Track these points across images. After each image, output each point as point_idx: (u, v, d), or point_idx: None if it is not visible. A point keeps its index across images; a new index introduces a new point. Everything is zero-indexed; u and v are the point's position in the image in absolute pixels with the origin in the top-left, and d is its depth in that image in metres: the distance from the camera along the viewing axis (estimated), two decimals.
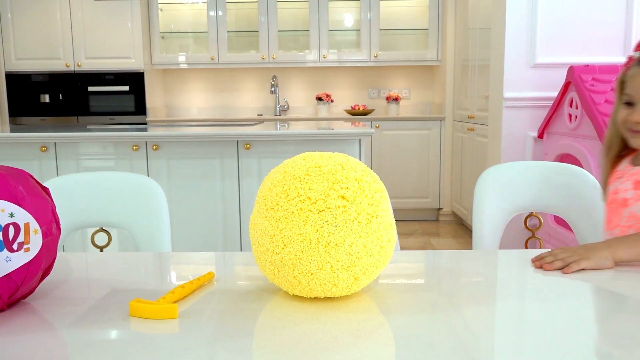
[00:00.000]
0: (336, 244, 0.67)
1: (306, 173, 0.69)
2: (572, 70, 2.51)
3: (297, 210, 0.67)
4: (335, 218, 0.67)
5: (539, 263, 0.85)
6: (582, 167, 2.32)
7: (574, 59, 2.79)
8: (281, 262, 0.69)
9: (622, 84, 1.12)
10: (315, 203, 0.67)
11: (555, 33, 2.83)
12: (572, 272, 0.83)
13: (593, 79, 2.45)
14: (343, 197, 0.68)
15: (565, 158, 2.57)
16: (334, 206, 0.67)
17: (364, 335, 0.63)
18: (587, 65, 2.52)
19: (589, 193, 1.26)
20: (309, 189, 0.68)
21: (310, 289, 0.69)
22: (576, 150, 2.47)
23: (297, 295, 0.72)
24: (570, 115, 2.55)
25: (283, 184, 0.69)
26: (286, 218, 0.68)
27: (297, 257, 0.68)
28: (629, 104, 1.08)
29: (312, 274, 0.68)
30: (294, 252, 0.68)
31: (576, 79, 2.46)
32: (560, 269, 0.84)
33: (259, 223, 0.71)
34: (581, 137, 2.46)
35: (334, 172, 0.69)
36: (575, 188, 1.28)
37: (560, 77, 2.69)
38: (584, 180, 1.27)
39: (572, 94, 2.53)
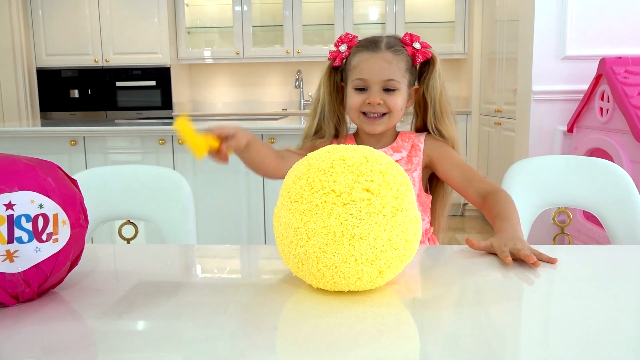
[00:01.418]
0: (360, 237, 0.66)
1: (330, 165, 0.69)
2: (603, 62, 2.45)
3: (321, 203, 0.67)
4: (360, 211, 0.66)
5: (509, 259, 0.82)
6: (614, 162, 2.26)
7: (605, 51, 2.71)
8: (305, 255, 0.68)
9: (342, 72, 1.20)
10: (340, 196, 0.66)
11: (586, 24, 2.75)
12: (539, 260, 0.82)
13: (626, 71, 2.39)
14: (368, 190, 0.67)
15: (596, 152, 2.51)
16: (358, 199, 0.66)
17: (388, 329, 0.62)
18: (620, 57, 2.45)
19: (620, 188, 1.22)
20: (334, 181, 0.67)
21: (334, 282, 0.69)
22: (607, 145, 2.41)
23: (321, 289, 0.72)
24: (601, 109, 2.49)
25: (307, 177, 0.69)
26: (310, 211, 0.67)
27: (321, 250, 0.67)
28: (361, 89, 1.15)
29: (336, 267, 0.67)
30: (317, 245, 0.67)
31: (608, 72, 2.40)
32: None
33: (283, 216, 0.71)
34: (613, 131, 2.39)
35: (359, 164, 0.68)
36: (606, 183, 1.24)
37: (591, 69, 2.63)
38: (616, 174, 1.24)
39: (603, 87, 2.47)
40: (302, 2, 4.45)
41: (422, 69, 1.21)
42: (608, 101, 2.42)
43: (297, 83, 4.64)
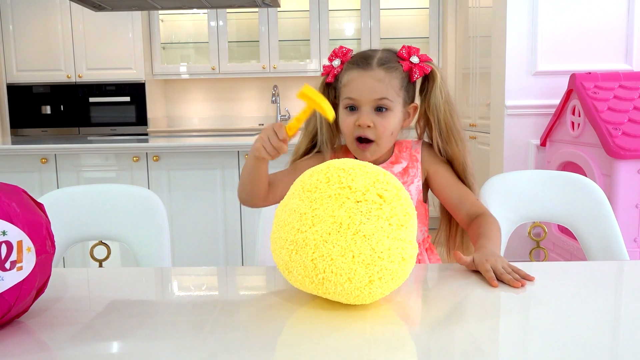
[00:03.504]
0: (364, 235, 0.67)
1: (351, 167, 0.72)
2: (574, 77, 2.50)
3: (335, 194, 0.69)
4: (370, 212, 0.68)
5: (495, 283, 0.81)
6: (585, 175, 2.30)
7: (575, 67, 2.78)
8: (303, 241, 0.69)
9: (333, 90, 1.13)
10: (355, 193, 0.69)
11: (556, 40, 2.82)
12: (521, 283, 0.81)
13: (595, 86, 2.44)
14: (381, 196, 0.69)
15: (568, 166, 2.55)
16: (371, 200, 0.68)
17: (386, 349, 0.61)
18: (589, 73, 2.50)
19: (593, 202, 1.24)
20: (352, 179, 0.70)
21: (323, 277, 0.68)
22: (579, 158, 2.45)
23: (303, 309, 0.70)
24: (572, 123, 2.54)
25: (326, 172, 0.72)
26: (322, 200, 0.69)
27: (322, 238, 0.68)
28: (352, 109, 1.08)
29: (332, 260, 0.67)
30: (320, 233, 0.68)
31: (578, 87, 2.45)
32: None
33: (291, 204, 0.72)
34: (584, 145, 2.44)
35: (377, 174, 0.72)
36: (579, 197, 1.26)
37: (562, 84, 2.68)
38: (589, 189, 1.25)
39: (574, 102, 2.52)
40: (278, 17, 4.46)
41: (423, 84, 1.12)
42: (579, 116, 2.47)
43: (273, 98, 4.63)
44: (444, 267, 0.96)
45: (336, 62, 1.11)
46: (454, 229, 1.23)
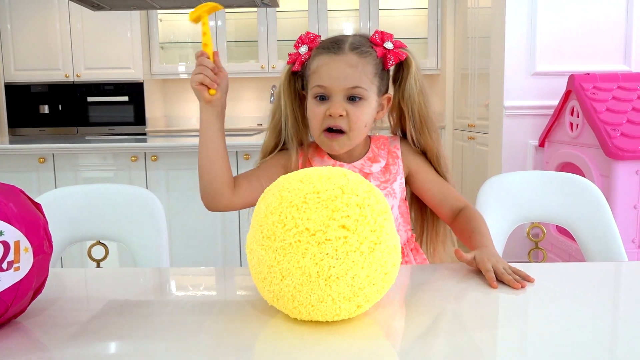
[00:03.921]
0: (337, 277, 0.62)
1: (304, 200, 0.64)
2: (572, 78, 2.50)
3: (295, 242, 0.62)
4: (336, 250, 0.62)
5: (495, 284, 0.81)
6: (584, 176, 2.31)
7: (574, 67, 2.78)
8: (280, 292, 0.65)
9: (303, 78, 1.06)
10: (314, 235, 0.62)
11: (555, 41, 2.82)
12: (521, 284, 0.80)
13: (594, 87, 2.44)
14: (344, 227, 0.63)
15: (567, 167, 2.55)
16: (334, 237, 0.62)
17: None
18: (588, 74, 2.51)
19: (592, 203, 1.24)
20: (307, 219, 0.63)
21: (310, 317, 0.66)
22: (578, 159, 2.46)
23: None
24: (571, 124, 2.54)
25: (280, 212, 0.64)
26: (284, 249, 0.63)
27: (296, 289, 0.64)
28: (322, 98, 1.00)
29: (312, 306, 0.64)
30: (292, 284, 0.64)
31: (577, 88, 2.45)
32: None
33: (255, 250, 0.67)
34: (582, 146, 2.44)
35: (334, 198, 0.64)
36: (578, 198, 1.26)
37: (561, 85, 2.68)
38: (588, 190, 1.25)
39: (573, 103, 2.52)
40: (276, 17, 4.46)
41: (397, 73, 1.06)
42: (578, 116, 2.48)
43: (272, 98, 4.63)
44: (439, 267, 0.95)
45: (303, 49, 1.04)
46: (432, 224, 1.17)
